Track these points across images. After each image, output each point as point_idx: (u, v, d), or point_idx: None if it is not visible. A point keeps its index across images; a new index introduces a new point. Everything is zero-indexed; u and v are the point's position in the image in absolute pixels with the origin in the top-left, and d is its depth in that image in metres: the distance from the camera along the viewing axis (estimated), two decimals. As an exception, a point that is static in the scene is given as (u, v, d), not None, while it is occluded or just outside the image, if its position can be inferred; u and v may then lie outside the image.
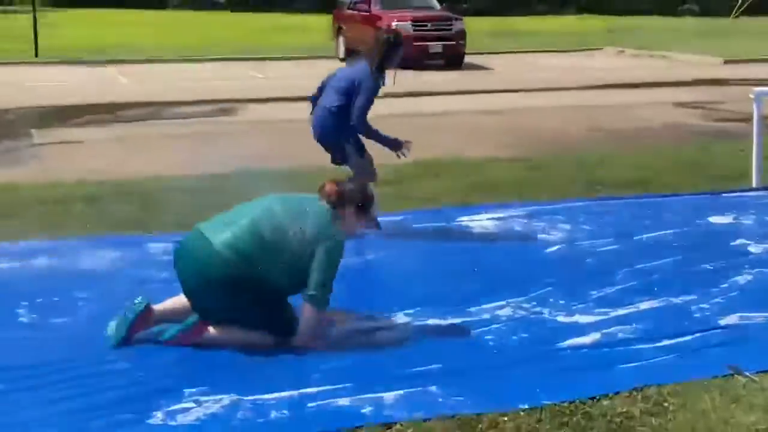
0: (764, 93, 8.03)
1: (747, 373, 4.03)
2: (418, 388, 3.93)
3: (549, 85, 17.67)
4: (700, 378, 4.01)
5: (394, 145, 6.45)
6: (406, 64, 20.03)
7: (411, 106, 14.67)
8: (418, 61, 20.67)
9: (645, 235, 6.51)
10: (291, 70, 21.21)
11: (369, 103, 6.29)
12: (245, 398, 3.84)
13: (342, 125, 6.30)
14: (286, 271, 4.28)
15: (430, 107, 14.45)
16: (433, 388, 3.94)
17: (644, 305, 5.04)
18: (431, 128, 12.10)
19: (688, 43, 26.59)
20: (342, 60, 23.31)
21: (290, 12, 41.35)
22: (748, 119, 9.85)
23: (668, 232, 6.59)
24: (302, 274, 4.29)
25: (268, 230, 4.29)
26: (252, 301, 4.28)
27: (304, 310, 4.33)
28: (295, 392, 3.89)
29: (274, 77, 19.74)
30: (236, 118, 13.57)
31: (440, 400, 3.84)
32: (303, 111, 7.37)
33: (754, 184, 7.98)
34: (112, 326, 4.38)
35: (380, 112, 7.24)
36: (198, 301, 4.37)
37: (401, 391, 3.90)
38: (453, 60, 21.54)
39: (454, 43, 21.27)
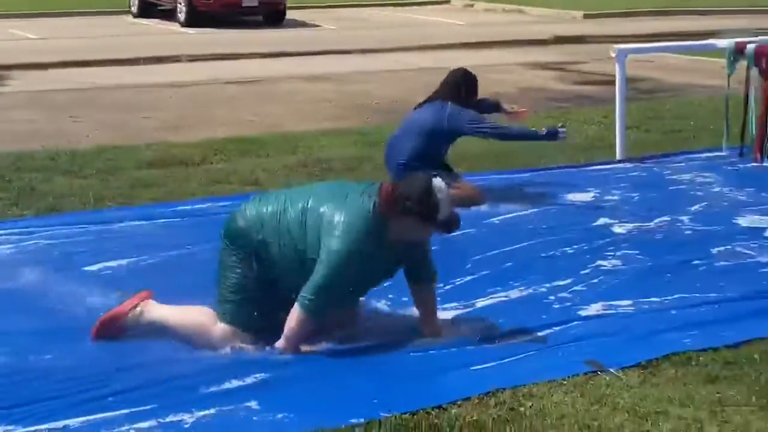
0: (627, 51, 8.41)
1: (611, 370, 4.23)
2: (232, 407, 3.92)
3: (387, 44, 17.92)
4: (559, 377, 4.17)
5: (551, 136, 7.05)
6: (216, 22, 19.94)
7: (219, 71, 14.57)
8: (230, 18, 20.52)
9: (497, 218, 6.71)
10: (72, 29, 20.64)
11: (488, 127, 7.02)
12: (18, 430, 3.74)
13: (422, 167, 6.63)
14: (292, 260, 4.42)
15: (242, 72, 14.38)
16: (253, 405, 3.94)
17: (497, 297, 5.20)
18: (245, 98, 12.06)
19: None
20: (136, 16, 22.86)
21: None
22: (612, 81, 10.31)
23: (522, 212, 6.82)
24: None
25: (290, 207, 4.46)
26: (234, 277, 4.48)
27: (291, 313, 4.38)
28: (79, 420, 3.81)
29: (50, 37, 19.16)
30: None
31: (256, 418, 3.85)
32: (84, 77, 7.18)
33: (617, 156, 8.36)
34: None
35: (176, 80, 7.29)
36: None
37: (211, 410, 3.88)
38: (272, 16, 21.50)
39: (273, -6, 21.27)
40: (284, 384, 4.13)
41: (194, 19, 20.30)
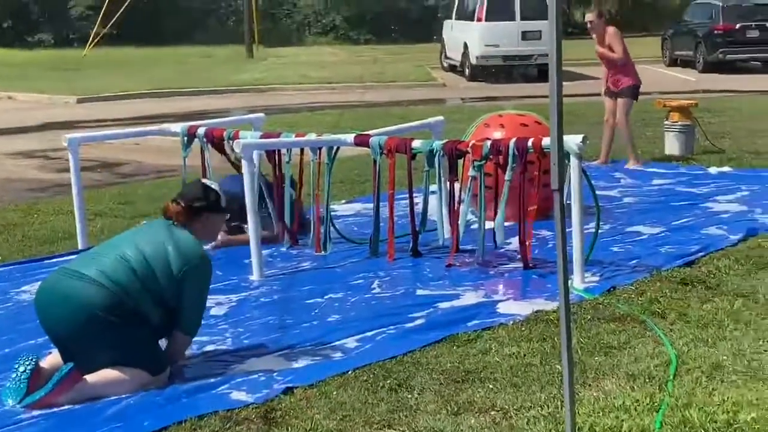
0: (79, 140, 8.36)
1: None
2: None
3: None
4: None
5: None
6: None
7: None
8: None
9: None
10: None
11: None
12: None
13: None
14: (155, 300, 4.96)
15: None
16: None
17: None
18: None
19: (39, 80, 27.04)
20: None
21: None
22: (96, 167, 10.16)
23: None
24: (169, 305, 5.01)
25: (135, 261, 4.96)
26: (132, 334, 4.88)
27: (177, 338, 5.11)
28: None
29: None
30: None
31: None
32: None
33: (79, 246, 8.22)
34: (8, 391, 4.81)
35: None
36: (75, 345, 4.88)
37: None
38: None
39: None
40: None
41: None
